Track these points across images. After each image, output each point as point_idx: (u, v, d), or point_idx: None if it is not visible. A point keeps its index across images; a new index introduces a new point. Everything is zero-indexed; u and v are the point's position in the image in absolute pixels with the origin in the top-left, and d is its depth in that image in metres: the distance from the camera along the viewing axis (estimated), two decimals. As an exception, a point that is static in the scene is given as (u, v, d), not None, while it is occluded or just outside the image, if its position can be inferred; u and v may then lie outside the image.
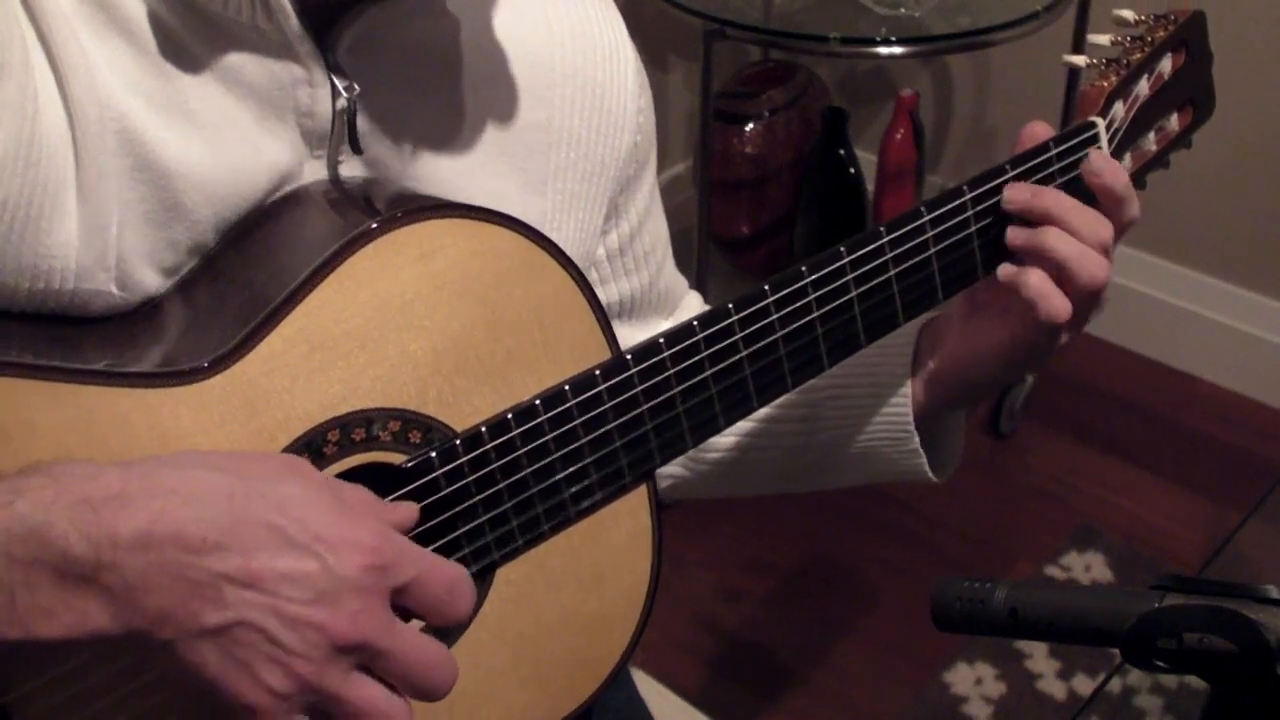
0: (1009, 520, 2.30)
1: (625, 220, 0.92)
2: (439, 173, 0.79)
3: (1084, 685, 1.97)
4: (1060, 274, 0.82)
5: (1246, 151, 2.36)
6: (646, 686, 1.17)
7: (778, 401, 0.93)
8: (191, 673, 0.58)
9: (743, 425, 0.95)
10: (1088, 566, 2.19)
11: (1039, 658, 2.02)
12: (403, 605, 0.62)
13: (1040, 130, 0.86)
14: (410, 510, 0.68)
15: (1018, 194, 0.84)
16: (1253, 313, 2.51)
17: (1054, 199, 0.83)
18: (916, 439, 0.90)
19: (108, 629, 0.57)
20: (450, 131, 0.79)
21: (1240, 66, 2.26)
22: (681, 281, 1.03)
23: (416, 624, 0.64)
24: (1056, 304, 0.81)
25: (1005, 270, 0.83)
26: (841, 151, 2.39)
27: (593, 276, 0.91)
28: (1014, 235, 0.84)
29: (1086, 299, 0.82)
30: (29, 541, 0.56)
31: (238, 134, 0.71)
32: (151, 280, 0.71)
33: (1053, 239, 0.82)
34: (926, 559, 2.20)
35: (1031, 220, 0.84)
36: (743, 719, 1.98)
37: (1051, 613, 0.67)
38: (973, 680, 2.00)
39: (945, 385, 0.89)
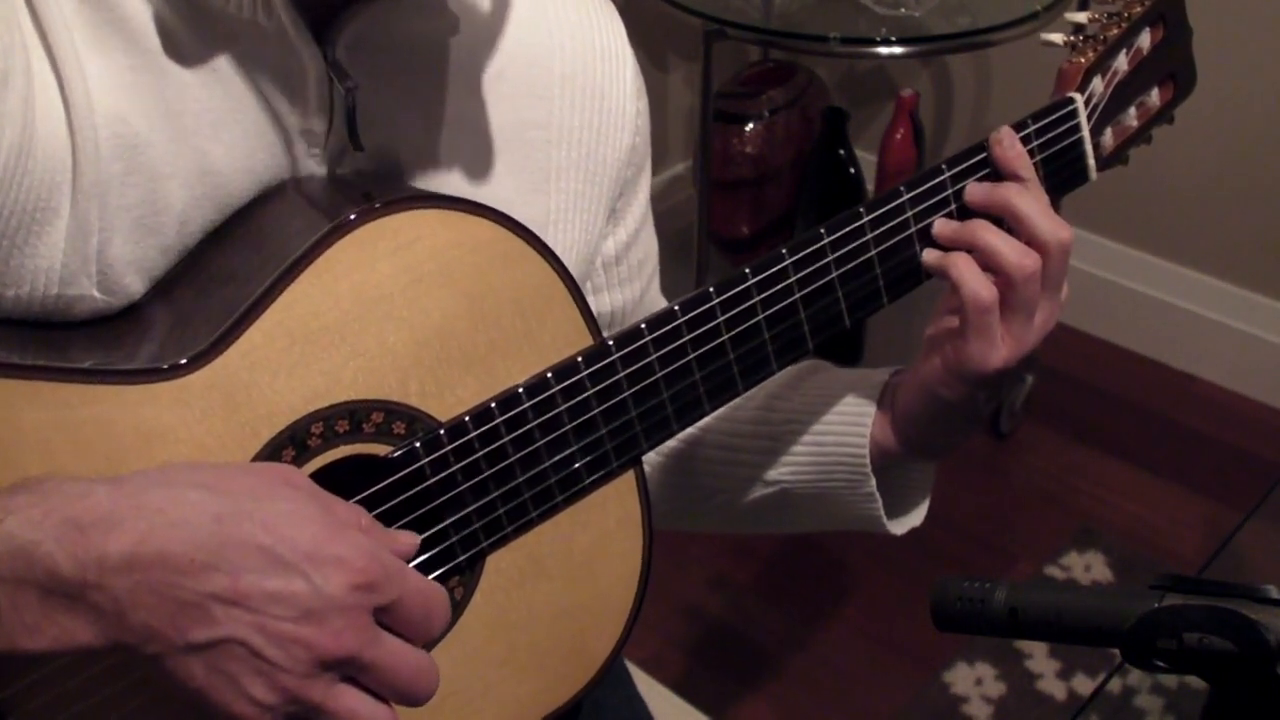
0: (1009, 520, 2.30)
1: (623, 227, 0.92)
2: (437, 171, 0.79)
3: (1084, 685, 1.97)
4: (989, 263, 0.81)
5: (1246, 151, 2.36)
6: (647, 687, 1.17)
7: (740, 430, 0.93)
8: (179, 683, 0.59)
9: (705, 452, 0.95)
10: (1088, 566, 2.18)
11: (1039, 658, 2.02)
12: (382, 622, 0.63)
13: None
14: (410, 540, 0.68)
15: (976, 194, 0.84)
16: (1253, 313, 2.51)
17: (1005, 194, 0.83)
18: (873, 482, 0.89)
19: (93, 644, 0.58)
20: (449, 130, 0.79)
21: (1240, 66, 2.26)
22: (664, 304, 1.02)
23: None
24: (980, 288, 0.80)
25: (930, 255, 0.83)
26: (841, 151, 2.39)
27: (586, 286, 0.91)
28: (941, 227, 0.83)
29: (1018, 294, 0.81)
30: (16, 560, 0.56)
31: (234, 135, 0.71)
32: (136, 285, 0.71)
33: (980, 229, 0.82)
34: (926, 559, 2.20)
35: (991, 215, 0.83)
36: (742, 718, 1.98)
37: (1051, 613, 0.67)
38: (973, 680, 1.99)
39: (904, 425, 0.88)
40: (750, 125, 2.41)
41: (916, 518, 0.93)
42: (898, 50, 2.04)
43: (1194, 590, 0.62)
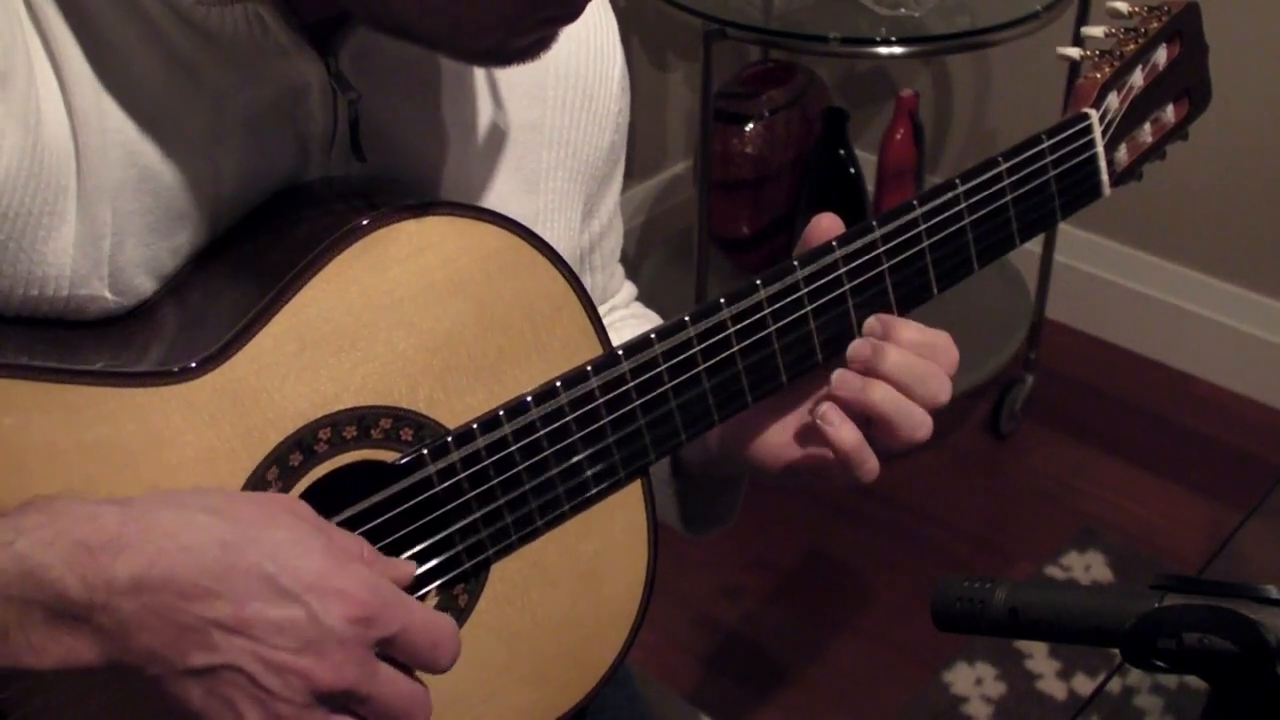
0: (1009, 520, 2.30)
1: (597, 219, 0.94)
2: (439, 176, 0.79)
3: (1084, 685, 1.97)
4: (880, 427, 0.79)
5: (1246, 151, 2.36)
6: (647, 685, 1.17)
7: None
8: (177, 704, 0.60)
9: None
10: (1088, 566, 2.18)
11: (1039, 658, 2.02)
12: (387, 655, 0.63)
13: (828, 223, 0.83)
14: (408, 567, 0.68)
15: (860, 350, 0.80)
16: (1253, 313, 2.51)
17: (894, 359, 0.79)
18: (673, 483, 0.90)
19: (95, 664, 0.58)
20: (450, 134, 0.80)
21: (1240, 66, 2.26)
22: (620, 270, 1.03)
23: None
24: (868, 468, 0.79)
25: (827, 414, 0.79)
26: (841, 151, 2.39)
27: None
28: (840, 384, 0.79)
29: (903, 449, 0.80)
30: (25, 581, 0.57)
31: (241, 144, 0.72)
32: (148, 286, 0.72)
33: (879, 394, 0.78)
34: (927, 559, 2.20)
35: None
36: (742, 718, 1.98)
37: (1051, 613, 0.67)
38: (973, 680, 1.99)
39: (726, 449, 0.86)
40: (750, 125, 2.41)
41: (719, 525, 0.95)
42: (898, 50, 2.04)
43: (1194, 590, 0.62)
